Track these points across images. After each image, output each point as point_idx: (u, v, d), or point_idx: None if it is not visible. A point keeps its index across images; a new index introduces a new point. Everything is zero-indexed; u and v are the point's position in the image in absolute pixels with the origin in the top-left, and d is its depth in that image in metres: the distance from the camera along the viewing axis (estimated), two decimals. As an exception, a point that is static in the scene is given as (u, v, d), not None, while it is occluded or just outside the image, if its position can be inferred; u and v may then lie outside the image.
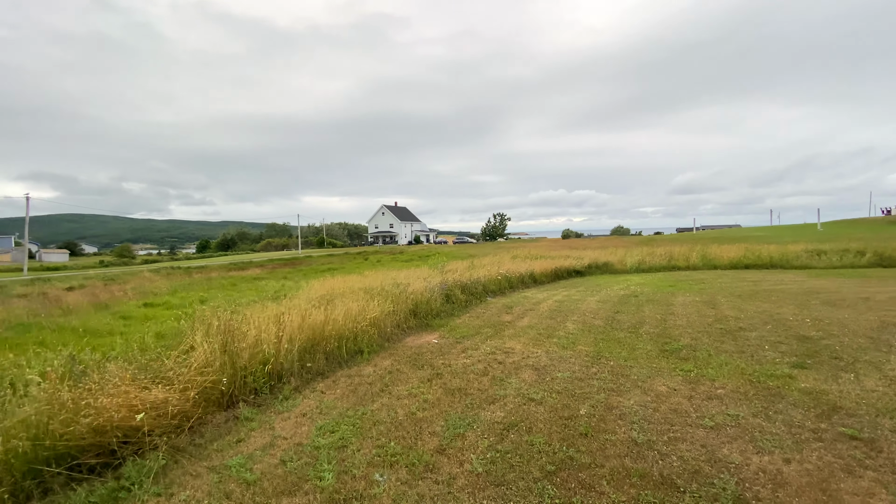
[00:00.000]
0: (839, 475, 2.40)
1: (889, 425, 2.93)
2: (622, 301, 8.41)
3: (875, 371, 3.95)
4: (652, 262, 15.68)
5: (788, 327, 5.67)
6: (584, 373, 4.27)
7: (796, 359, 4.39)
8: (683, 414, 3.26)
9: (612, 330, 6.07)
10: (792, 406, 3.30)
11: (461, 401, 3.69)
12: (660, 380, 3.98)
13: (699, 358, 4.57)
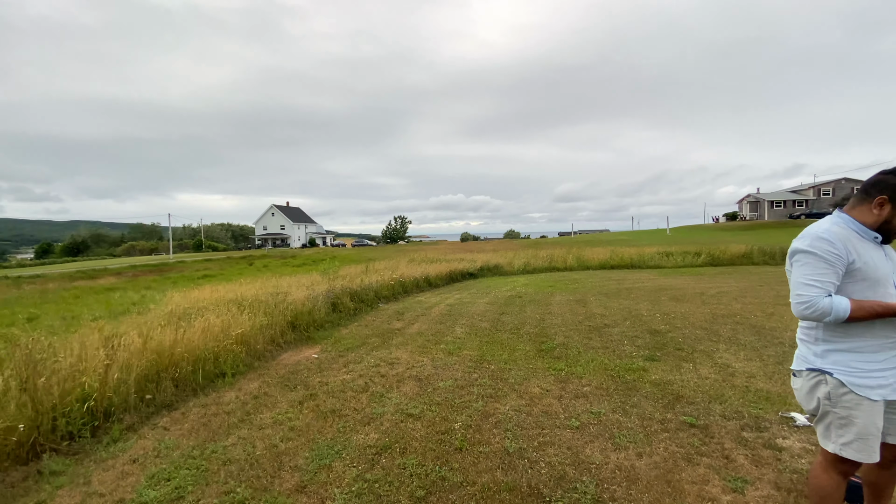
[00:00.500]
0: (681, 464, 2.61)
1: (719, 410, 3.32)
2: (508, 302, 8.75)
3: (708, 359, 4.55)
4: (536, 264, 16.82)
5: (643, 322, 6.36)
6: (467, 379, 4.23)
7: (649, 352, 4.88)
8: (553, 416, 3.35)
9: (497, 332, 6.21)
10: (644, 398, 3.60)
11: (333, 424, 3.36)
12: (535, 381, 4.09)
13: (570, 356, 4.84)
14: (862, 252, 1.64)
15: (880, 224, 1.65)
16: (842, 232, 1.67)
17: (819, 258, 1.65)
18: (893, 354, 1.64)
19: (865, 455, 1.64)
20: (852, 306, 1.59)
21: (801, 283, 1.68)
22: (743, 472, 2.50)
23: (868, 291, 1.63)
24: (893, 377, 1.64)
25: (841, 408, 1.67)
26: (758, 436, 2.89)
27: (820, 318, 1.64)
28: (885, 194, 1.62)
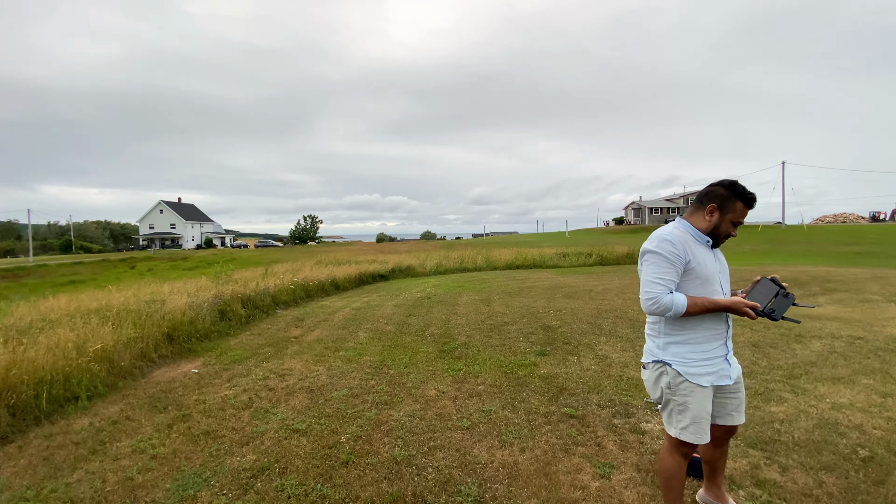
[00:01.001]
0: (559, 456, 2.75)
1: (595, 400, 3.58)
2: (417, 304, 8.73)
3: (590, 352, 4.92)
4: (448, 265, 17.11)
5: (538, 319, 6.74)
6: (363, 387, 4.08)
7: (540, 347, 5.16)
8: (446, 418, 3.35)
9: (402, 335, 6.13)
10: (533, 393, 3.77)
11: (205, 448, 3.00)
12: (432, 383, 4.09)
13: (469, 355, 4.93)
14: (697, 254, 1.84)
15: (711, 229, 1.86)
16: (682, 235, 1.87)
17: (663, 258, 1.82)
18: (719, 345, 1.87)
19: (699, 437, 1.85)
20: (688, 302, 1.78)
21: (649, 280, 1.84)
22: (611, 458, 2.70)
23: (700, 289, 1.83)
24: (718, 365, 1.86)
25: (679, 395, 1.86)
26: (626, 421, 3.16)
27: (663, 313, 1.81)
28: (714, 203, 1.84)
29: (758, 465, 2.57)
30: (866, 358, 4.37)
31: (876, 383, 3.73)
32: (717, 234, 1.87)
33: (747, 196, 1.81)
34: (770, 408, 3.32)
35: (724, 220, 1.84)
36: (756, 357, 4.52)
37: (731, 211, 1.82)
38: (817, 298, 7.57)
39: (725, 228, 1.85)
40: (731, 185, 1.82)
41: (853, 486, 2.35)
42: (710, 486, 2.17)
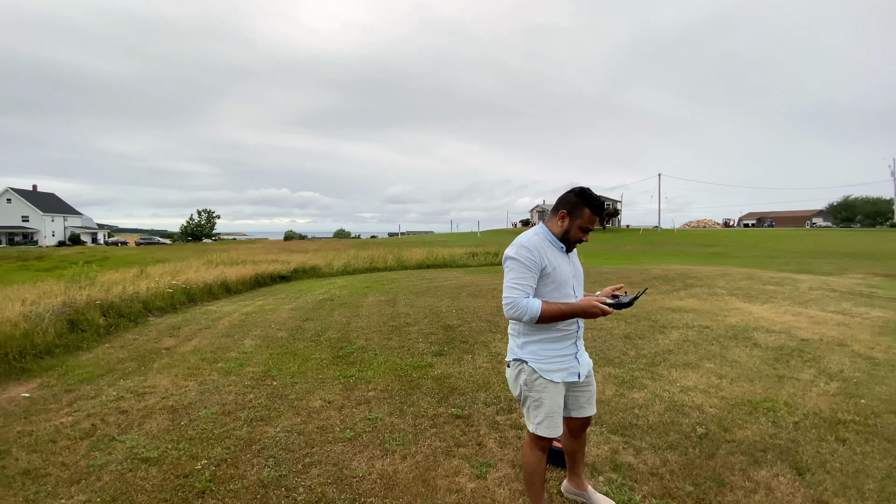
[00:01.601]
0: (440, 460, 2.73)
1: (483, 398, 3.65)
2: (317, 307, 8.30)
3: (485, 350, 5.06)
4: (357, 264, 16.64)
5: (441, 318, 6.79)
6: (239, 402, 3.72)
7: (438, 347, 5.18)
8: (328, 430, 3.17)
9: (295, 341, 5.75)
10: (423, 395, 3.74)
11: (21, 493, 2.47)
12: (319, 393, 3.86)
13: (365, 360, 4.77)
14: (552, 259, 1.91)
15: (563, 234, 1.95)
16: (539, 241, 1.93)
17: (521, 264, 1.87)
18: (570, 343, 1.97)
19: (553, 431, 1.93)
20: (542, 307, 1.84)
21: (508, 286, 1.88)
22: (489, 457, 2.75)
23: (554, 292, 1.91)
24: (569, 363, 1.97)
25: (535, 392, 1.93)
26: (507, 418, 3.27)
27: (520, 318, 1.86)
28: (564, 209, 1.93)
29: (617, 451, 2.80)
30: (710, 344, 5.07)
31: (715, 367, 4.33)
32: (567, 240, 1.95)
33: (594, 203, 1.89)
34: (633, 394, 3.67)
35: (574, 226, 1.92)
36: (626, 347, 5.00)
37: (580, 217, 1.90)
38: (679, 293, 8.67)
39: (575, 234, 1.93)
40: (580, 193, 1.91)
41: (690, 462, 2.66)
42: (572, 477, 2.30)
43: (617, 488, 2.41)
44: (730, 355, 4.67)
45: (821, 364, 4.35)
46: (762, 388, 3.76)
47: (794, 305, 7.33)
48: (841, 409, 3.33)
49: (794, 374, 4.11)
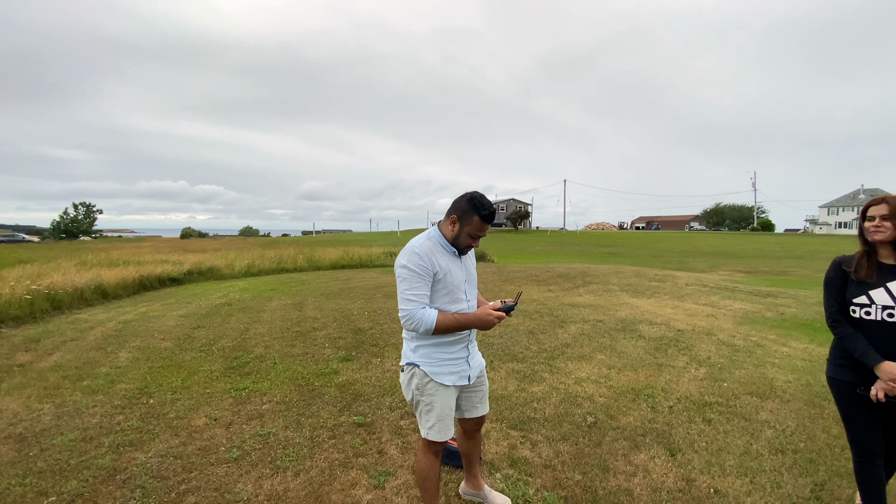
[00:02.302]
0: (336, 473, 2.58)
1: (388, 403, 3.55)
2: (211, 312, 7.54)
3: (395, 352, 4.95)
4: (262, 265, 15.50)
5: (351, 321, 6.54)
6: (104, 426, 3.20)
7: (346, 352, 4.96)
8: (212, 450, 2.85)
9: (181, 352, 5.15)
10: (325, 405, 3.53)
11: None
12: (204, 409, 3.46)
13: (262, 370, 4.40)
14: (443, 264, 1.87)
15: (454, 239, 1.92)
16: (431, 245, 1.88)
17: (413, 273, 1.80)
18: (461, 347, 1.96)
19: (443, 434, 1.91)
20: (438, 319, 1.80)
21: (403, 297, 1.82)
22: (389, 465, 2.66)
23: (445, 297, 1.88)
24: (460, 366, 1.96)
25: (426, 395, 1.89)
26: (411, 422, 3.20)
27: (416, 329, 1.81)
28: (455, 214, 1.90)
29: (515, 446, 2.87)
30: (603, 337, 5.49)
31: (606, 358, 4.69)
32: (458, 245, 1.92)
33: (483, 212, 1.86)
34: (532, 388, 3.82)
35: (463, 233, 1.89)
36: (529, 342, 5.23)
37: (469, 224, 1.87)
38: (579, 290, 9.35)
39: (464, 240, 1.90)
40: (471, 199, 1.87)
41: (580, 451, 2.81)
42: (469, 478, 2.30)
43: (513, 484, 2.46)
44: (619, 347, 5.10)
45: (692, 352, 4.92)
46: (644, 376, 4.15)
47: (674, 299, 8.28)
48: (707, 392, 3.77)
49: (670, 361, 4.59)
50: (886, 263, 1.94)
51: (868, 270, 1.94)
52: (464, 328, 1.86)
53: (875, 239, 1.93)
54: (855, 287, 1.97)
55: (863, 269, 1.95)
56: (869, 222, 1.95)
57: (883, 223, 1.90)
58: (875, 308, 1.90)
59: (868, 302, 1.92)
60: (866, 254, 1.97)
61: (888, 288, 1.90)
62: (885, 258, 1.95)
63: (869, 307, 1.92)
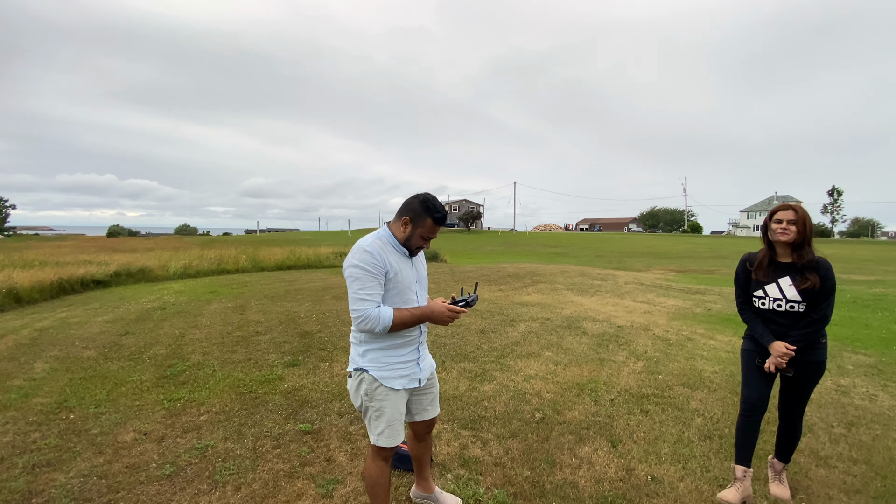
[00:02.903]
0: (281, 484, 2.47)
1: (336, 408, 3.45)
2: (142, 317, 6.98)
3: (344, 355, 4.82)
4: (201, 265, 14.58)
5: (298, 324, 6.31)
6: (17, 445, 2.86)
7: (292, 357, 4.77)
8: (142, 467, 2.63)
9: (107, 361, 4.72)
10: (269, 413, 3.37)
11: None
12: (133, 424, 3.20)
13: (199, 378, 4.13)
14: (394, 264, 1.85)
15: (405, 240, 1.90)
16: (381, 245, 1.85)
17: (366, 271, 1.76)
18: (413, 349, 1.94)
19: (393, 440, 1.88)
20: (395, 316, 1.77)
21: (355, 297, 1.77)
22: (338, 472, 2.59)
23: (396, 298, 1.86)
24: (411, 369, 1.94)
25: (376, 401, 1.86)
26: (360, 427, 3.13)
27: (373, 329, 1.76)
28: (408, 215, 1.88)
29: (466, 445, 2.90)
30: (550, 334, 5.69)
31: (553, 354, 4.85)
32: (409, 246, 1.91)
33: (436, 214, 1.86)
34: (483, 387, 3.87)
35: (415, 234, 1.88)
36: (481, 342, 5.30)
37: (421, 226, 1.87)
38: (528, 289, 9.62)
39: (416, 241, 1.89)
40: (424, 201, 1.87)
41: (529, 447, 2.88)
42: (420, 481, 2.28)
43: (464, 484, 2.47)
44: (565, 343, 5.30)
45: (631, 347, 5.21)
46: (588, 371, 4.34)
47: (614, 297, 8.73)
48: (645, 384, 4.01)
49: (611, 356, 4.84)
50: (782, 262, 2.30)
51: (765, 270, 2.33)
52: (419, 321, 1.85)
53: (778, 239, 2.27)
54: (755, 283, 2.36)
55: (761, 270, 2.34)
56: (776, 224, 2.27)
57: (789, 227, 2.23)
58: (768, 300, 2.32)
59: (763, 295, 2.33)
60: (767, 254, 2.35)
61: (779, 284, 2.28)
62: (782, 257, 2.32)
63: (764, 299, 2.33)
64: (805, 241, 2.22)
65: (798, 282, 2.22)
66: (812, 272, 2.19)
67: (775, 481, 2.44)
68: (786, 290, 2.26)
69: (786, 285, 2.26)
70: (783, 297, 2.26)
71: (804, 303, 2.22)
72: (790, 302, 2.25)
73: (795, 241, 2.22)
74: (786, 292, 2.26)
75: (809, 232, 2.22)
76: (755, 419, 2.34)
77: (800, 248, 2.23)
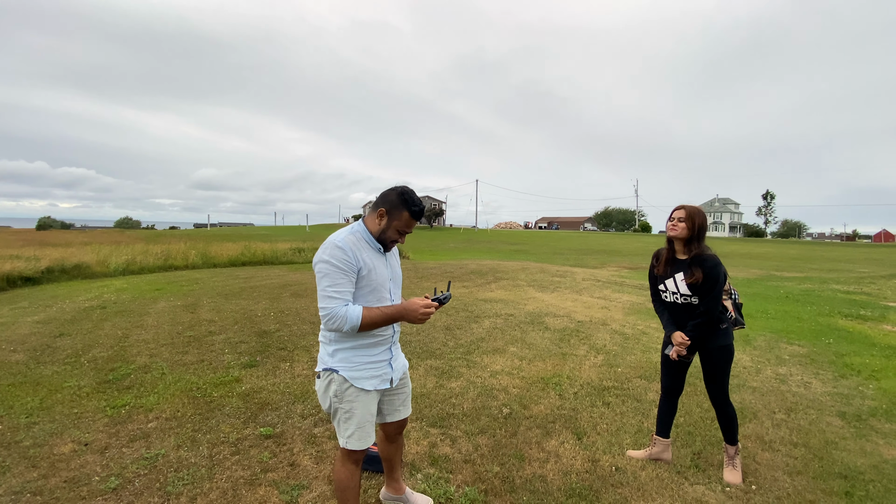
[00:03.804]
0: (241, 493, 2.33)
1: (300, 410, 3.32)
2: (79, 317, 6.43)
3: (306, 355, 4.67)
4: (145, 261, 13.65)
5: (255, 323, 6.04)
6: (-78, 466, 2.53)
7: (249, 358, 4.55)
8: (83, 481, 2.41)
9: (38, 365, 4.30)
10: (226, 417, 3.19)
11: None
12: (72, 433, 2.92)
13: (146, 382, 3.85)
14: (368, 260, 1.78)
15: (380, 234, 1.83)
16: (354, 240, 1.77)
17: (336, 268, 1.68)
18: (385, 349, 1.88)
19: (364, 442, 1.82)
20: (364, 315, 1.69)
21: (324, 295, 1.69)
22: (303, 477, 2.48)
23: (369, 296, 1.79)
24: (383, 369, 1.88)
25: (346, 402, 1.78)
26: (326, 429, 3.03)
27: (341, 328, 1.68)
28: (385, 207, 1.81)
29: (435, 444, 2.87)
30: (514, 330, 5.76)
31: (518, 350, 4.92)
32: (384, 240, 1.84)
33: (413, 208, 1.80)
34: (451, 384, 3.86)
35: (391, 227, 1.81)
36: (447, 338, 5.29)
37: (398, 219, 1.80)
38: (491, 286, 9.72)
39: (391, 235, 1.83)
40: (401, 194, 1.80)
41: (497, 443, 2.90)
42: (390, 482, 2.23)
43: (434, 483, 2.44)
44: (528, 339, 5.39)
45: (591, 341, 5.37)
46: (551, 366, 4.43)
47: (573, 293, 8.99)
48: (605, 377, 4.14)
49: (573, 350, 4.96)
50: (679, 258, 2.52)
51: (663, 266, 2.55)
52: (391, 321, 1.77)
53: (671, 235, 2.48)
54: (658, 277, 2.59)
55: (660, 266, 2.57)
56: (669, 222, 2.49)
57: (678, 224, 2.44)
58: (668, 293, 2.53)
59: (665, 289, 2.55)
60: (668, 251, 2.56)
61: (675, 279, 2.49)
62: (679, 253, 2.52)
63: (665, 293, 2.55)
64: (693, 238, 2.42)
65: (687, 276, 2.42)
66: (697, 267, 2.39)
67: (729, 466, 2.59)
68: (679, 284, 2.46)
69: (679, 280, 2.46)
70: (678, 291, 2.47)
71: (694, 297, 2.43)
72: (683, 296, 2.46)
73: (685, 237, 2.43)
74: (679, 287, 2.47)
75: (698, 229, 2.41)
76: (672, 400, 2.72)
77: (689, 243, 2.44)
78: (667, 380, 2.71)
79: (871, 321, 6.94)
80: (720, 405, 2.59)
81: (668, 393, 2.72)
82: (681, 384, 2.69)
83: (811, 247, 44.52)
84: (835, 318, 7.08)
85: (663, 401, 2.74)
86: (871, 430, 3.21)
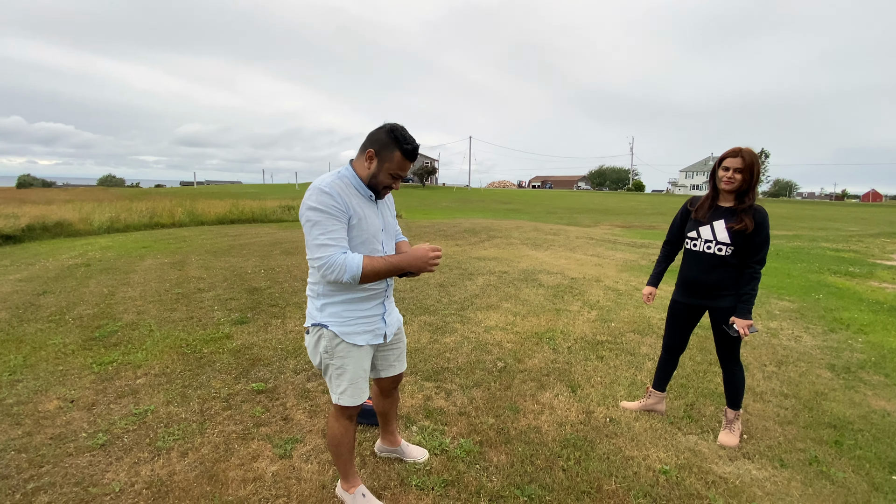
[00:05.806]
0: (234, 447, 2.30)
1: (292, 366, 3.28)
2: (63, 275, 6.27)
3: (298, 311, 4.60)
4: (130, 219, 13.29)
5: (245, 280, 5.93)
6: None
7: (240, 314, 4.47)
8: (70, 438, 2.36)
9: (21, 323, 4.19)
10: (216, 373, 3.14)
11: None
12: (57, 390, 2.86)
13: (134, 339, 3.77)
14: (358, 209, 1.62)
15: (370, 178, 1.66)
16: (342, 185, 1.61)
17: (326, 213, 1.53)
18: (377, 304, 1.77)
19: (357, 398, 1.74)
20: (365, 263, 1.55)
21: (316, 244, 1.54)
22: (296, 431, 2.46)
23: (361, 248, 1.64)
24: (375, 324, 1.78)
25: (337, 358, 1.69)
26: (319, 383, 2.99)
27: (339, 278, 1.53)
28: (373, 148, 1.62)
29: (430, 397, 2.85)
30: (507, 287, 5.73)
31: (511, 306, 4.89)
32: (375, 185, 1.67)
33: (405, 146, 1.61)
34: (445, 339, 3.83)
35: (382, 170, 1.63)
36: (440, 295, 5.24)
37: (389, 160, 1.62)
38: (484, 244, 9.64)
39: (384, 179, 1.65)
40: (390, 131, 1.61)
41: (492, 395, 2.89)
42: (385, 435, 2.20)
43: (429, 435, 2.43)
44: (522, 295, 5.37)
45: (584, 297, 5.36)
46: (545, 321, 4.41)
47: (566, 251, 8.96)
48: (599, 332, 4.14)
49: (566, 306, 4.95)
50: (723, 206, 2.32)
51: (705, 212, 2.35)
52: (397, 271, 1.62)
53: (724, 189, 2.27)
54: (691, 223, 2.41)
55: (702, 210, 2.36)
56: (724, 172, 2.26)
57: (735, 175, 2.22)
58: (699, 241, 2.35)
59: (696, 236, 2.37)
60: (710, 197, 2.37)
61: (713, 226, 2.30)
62: (724, 202, 2.33)
63: (696, 240, 2.37)
64: (749, 189, 2.23)
65: (733, 222, 2.24)
66: (748, 216, 2.21)
67: (726, 429, 2.48)
68: (718, 231, 2.29)
69: (719, 227, 2.28)
70: (714, 238, 2.30)
71: (731, 246, 2.25)
72: (719, 244, 2.28)
73: (740, 189, 2.24)
74: (717, 234, 2.29)
75: (755, 179, 2.22)
76: (674, 358, 2.69)
77: (744, 195, 2.24)
78: (670, 339, 2.64)
79: (860, 278, 7.02)
80: (729, 366, 2.47)
81: (670, 351, 2.67)
82: (685, 343, 2.63)
83: (801, 206, 44.85)
84: (824, 275, 7.15)
85: (664, 358, 2.70)
86: (860, 381, 3.26)
